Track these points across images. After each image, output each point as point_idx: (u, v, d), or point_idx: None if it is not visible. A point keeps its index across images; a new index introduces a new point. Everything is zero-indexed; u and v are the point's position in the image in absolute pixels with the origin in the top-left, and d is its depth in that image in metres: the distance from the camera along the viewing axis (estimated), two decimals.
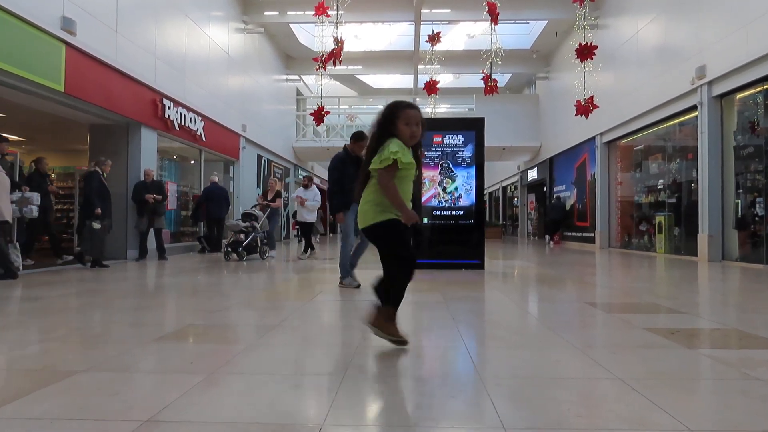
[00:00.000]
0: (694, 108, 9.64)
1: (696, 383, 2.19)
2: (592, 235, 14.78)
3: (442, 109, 20.84)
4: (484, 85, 11.96)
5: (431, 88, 13.40)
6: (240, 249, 8.90)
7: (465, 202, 7.25)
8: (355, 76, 21.99)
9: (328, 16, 10.86)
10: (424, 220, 7.21)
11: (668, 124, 11.11)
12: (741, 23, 8.21)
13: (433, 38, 13.30)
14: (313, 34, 16.84)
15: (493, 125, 12.82)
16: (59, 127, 9.99)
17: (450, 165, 7.23)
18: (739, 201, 8.90)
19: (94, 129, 9.44)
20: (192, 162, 12.87)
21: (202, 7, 12.13)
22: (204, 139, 11.87)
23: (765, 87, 8.07)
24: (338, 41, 10.72)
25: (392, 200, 2.53)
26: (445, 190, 7.27)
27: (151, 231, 9.13)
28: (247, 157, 15.02)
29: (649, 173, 12.09)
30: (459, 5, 15.02)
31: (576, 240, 16.41)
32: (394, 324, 2.59)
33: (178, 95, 10.60)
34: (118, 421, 1.64)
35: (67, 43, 7.33)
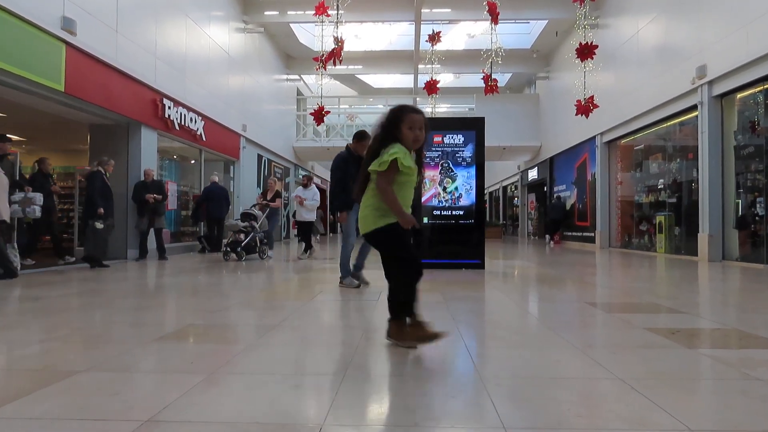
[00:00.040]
0: (694, 108, 9.64)
1: (696, 383, 2.19)
2: (593, 234, 14.78)
3: (443, 108, 20.87)
4: (484, 85, 11.97)
5: (431, 87, 13.41)
6: (239, 249, 8.90)
7: (465, 201, 7.25)
8: (356, 75, 22.00)
9: (328, 15, 10.86)
10: (425, 220, 7.21)
11: (668, 123, 11.11)
12: (741, 23, 8.21)
13: (434, 38, 13.32)
14: (313, 34, 16.83)
15: (494, 125, 12.83)
16: (59, 126, 10.00)
17: (450, 165, 7.23)
18: (740, 201, 8.90)
19: (94, 129, 9.45)
20: (192, 162, 12.88)
21: (202, 7, 12.13)
22: (204, 139, 11.88)
23: (765, 87, 8.07)
24: (338, 41, 10.72)
25: (390, 205, 2.53)
26: (445, 189, 7.27)
27: (152, 231, 9.14)
28: (247, 156, 15.02)
29: (650, 173, 12.09)
30: (459, 5, 15.02)
31: (576, 240, 16.41)
32: (407, 330, 2.60)
33: (178, 95, 10.60)
34: (119, 421, 1.64)
35: (67, 43, 7.34)
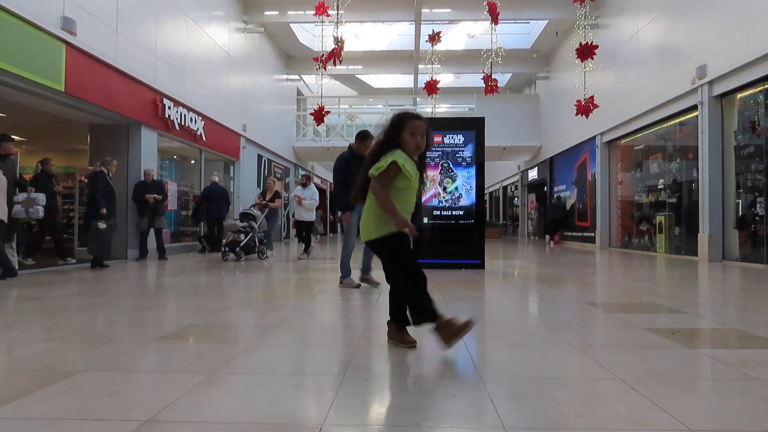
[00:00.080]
0: (694, 108, 9.64)
1: (696, 383, 2.19)
2: (593, 234, 14.78)
3: (443, 108, 20.86)
4: (484, 85, 11.97)
5: (431, 87, 13.40)
6: (237, 249, 8.89)
7: (465, 201, 7.25)
8: (356, 75, 22.00)
9: (328, 15, 10.85)
10: (425, 220, 7.21)
11: (669, 123, 11.11)
12: (741, 23, 8.21)
13: (434, 38, 13.31)
14: (313, 34, 16.84)
15: (494, 125, 12.84)
16: (59, 126, 10.00)
17: (450, 165, 7.23)
18: (740, 201, 8.89)
19: (94, 129, 9.46)
20: (192, 162, 12.88)
21: (202, 7, 12.13)
22: (204, 139, 11.88)
23: (765, 87, 8.07)
24: (338, 41, 10.71)
25: (383, 206, 2.54)
26: (445, 189, 7.27)
27: (152, 231, 9.15)
28: (247, 156, 15.03)
29: (650, 173, 12.09)
30: (459, 5, 15.02)
31: (576, 240, 16.41)
32: (405, 332, 2.67)
33: (178, 95, 10.60)
34: (119, 421, 1.64)
35: (67, 43, 7.34)
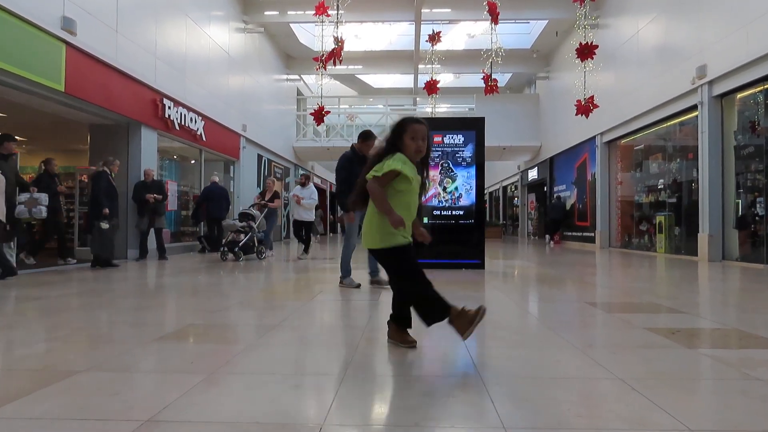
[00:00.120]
0: (694, 108, 9.64)
1: (696, 383, 2.19)
2: (593, 234, 14.78)
3: (443, 108, 20.88)
4: (484, 85, 11.96)
5: (431, 87, 13.40)
6: (236, 249, 8.88)
7: (465, 201, 7.25)
8: (356, 75, 22.00)
9: (328, 15, 10.85)
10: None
11: (668, 123, 11.11)
12: (741, 23, 8.21)
13: (434, 38, 13.31)
14: (313, 34, 16.84)
15: (494, 125, 12.84)
16: (59, 126, 10.00)
17: (450, 165, 7.23)
18: (740, 201, 8.90)
19: (94, 129, 9.46)
20: (192, 162, 12.88)
21: (202, 7, 12.13)
22: (204, 139, 11.88)
23: (765, 86, 8.07)
24: (338, 41, 10.71)
25: (378, 205, 2.55)
26: (445, 189, 7.27)
27: (152, 231, 9.15)
28: (247, 156, 15.03)
29: (650, 173, 12.09)
30: (459, 5, 15.02)
31: (576, 240, 16.41)
32: (405, 332, 2.71)
33: (178, 95, 10.60)
34: (119, 421, 1.64)
35: (67, 43, 7.34)
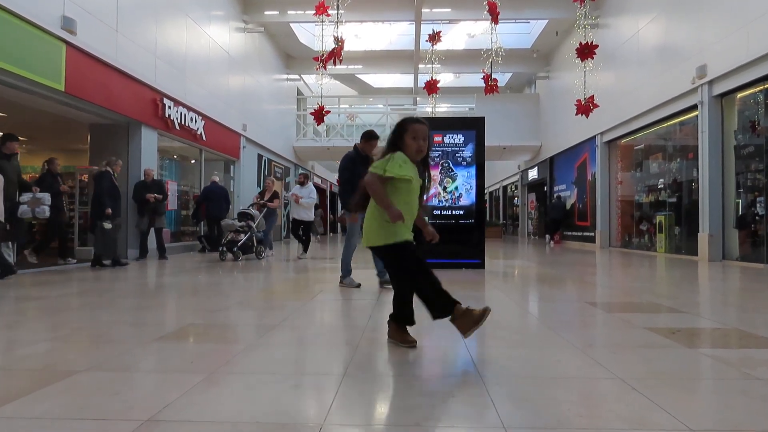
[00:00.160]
0: (694, 107, 9.63)
1: (696, 383, 2.19)
2: (593, 234, 14.78)
3: (443, 108, 20.87)
4: (484, 85, 11.95)
5: (431, 87, 13.40)
6: (235, 249, 8.87)
7: (465, 201, 7.25)
8: (356, 75, 21.99)
9: (328, 15, 10.85)
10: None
11: (669, 123, 11.11)
12: (741, 23, 8.21)
13: (434, 37, 13.31)
14: (313, 34, 16.84)
15: (494, 125, 12.83)
16: (59, 126, 10.00)
17: (450, 164, 7.22)
18: (740, 200, 8.89)
19: (94, 128, 9.46)
20: (192, 161, 12.88)
21: (202, 7, 12.12)
22: (204, 139, 11.88)
23: (765, 86, 8.07)
24: (338, 41, 10.71)
25: (377, 200, 2.57)
26: (445, 189, 7.26)
27: (152, 230, 9.14)
28: (247, 156, 15.03)
29: (650, 173, 12.09)
30: (459, 5, 15.02)
31: (576, 239, 16.40)
32: (405, 331, 2.69)
33: (178, 95, 10.60)
34: (119, 421, 1.64)
35: (67, 43, 7.34)
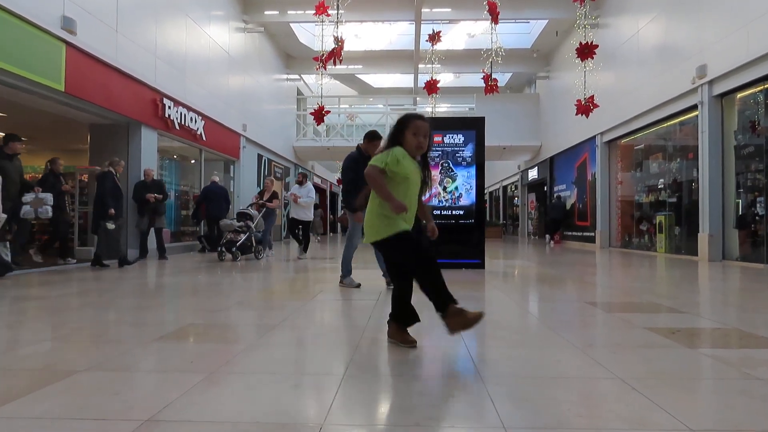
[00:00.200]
0: (694, 107, 9.63)
1: (696, 383, 2.19)
2: (593, 234, 14.78)
3: (443, 108, 20.86)
4: (484, 85, 11.95)
5: (431, 87, 13.40)
6: (234, 249, 8.86)
7: (465, 201, 7.25)
8: (356, 75, 21.99)
9: (328, 15, 10.85)
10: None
11: (669, 123, 11.11)
12: (741, 23, 8.21)
13: (434, 37, 13.31)
14: (313, 34, 16.84)
15: (494, 125, 12.83)
16: (59, 126, 9.99)
17: (450, 164, 7.22)
18: (740, 200, 8.89)
19: (94, 128, 9.45)
20: (192, 161, 12.88)
21: (202, 7, 12.12)
22: (204, 139, 11.87)
23: (765, 86, 8.07)
24: (338, 40, 10.71)
25: (378, 191, 2.58)
26: (445, 189, 7.26)
27: (152, 230, 9.14)
28: (247, 156, 15.02)
29: (650, 173, 12.09)
30: (459, 4, 15.02)
31: (576, 239, 16.40)
32: (405, 331, 2.73)
33: (178, 95, 10.60)
34: (119, 421, 1.64)
35: (67, 43, 7.34)
